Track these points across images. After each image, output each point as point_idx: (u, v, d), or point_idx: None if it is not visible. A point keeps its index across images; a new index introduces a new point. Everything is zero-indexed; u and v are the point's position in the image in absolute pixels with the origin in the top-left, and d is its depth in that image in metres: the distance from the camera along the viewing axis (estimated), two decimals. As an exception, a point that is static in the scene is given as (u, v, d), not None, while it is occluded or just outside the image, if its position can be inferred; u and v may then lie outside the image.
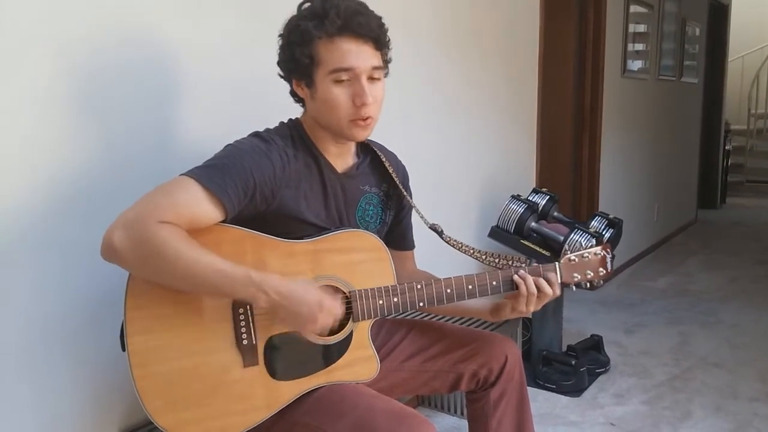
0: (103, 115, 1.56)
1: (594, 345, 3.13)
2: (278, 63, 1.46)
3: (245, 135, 1.44)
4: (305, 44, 1.37)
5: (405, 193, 1.62)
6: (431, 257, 1.87)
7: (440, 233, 1.62)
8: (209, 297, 1.32)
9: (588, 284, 1.56)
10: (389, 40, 1.45)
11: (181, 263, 1.22)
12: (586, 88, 4.16)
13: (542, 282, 1.48)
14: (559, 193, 3.19)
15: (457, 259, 1.77)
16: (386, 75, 1.46)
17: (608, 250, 1.57)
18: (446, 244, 1.63)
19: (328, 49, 1.37)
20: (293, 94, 1.49)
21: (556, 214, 3.04)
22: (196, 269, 1.23)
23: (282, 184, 1.39)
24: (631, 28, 4.55)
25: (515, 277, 1.48)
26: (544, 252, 2.77)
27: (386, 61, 1.46)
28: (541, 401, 2.76)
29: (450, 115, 2.80)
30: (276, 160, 1.38)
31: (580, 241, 2.68)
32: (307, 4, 1.41)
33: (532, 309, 1.50)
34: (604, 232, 2.89)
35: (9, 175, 1.41)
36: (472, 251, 1.62)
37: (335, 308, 1.33)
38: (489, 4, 3.00)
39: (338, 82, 1.38)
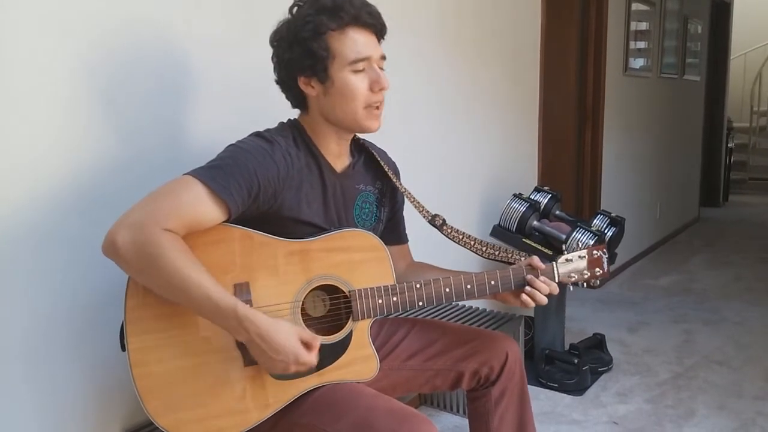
0: (112, 112, 1.57)
1: (597, 343, 3.12)
2: (283, 65, 1.45)
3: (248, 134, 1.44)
4: (319, 37, 1.38)
5: (402, 188, 1.63)
6: (433, 248, 1.86)
7: (441, 227, 1.62)
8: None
9: (585, 284, 1.57)
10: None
11: (177, 278, 1.21)
12: (588, 86, 4.15)
13: (539, 284, 1.50)
14: (561, 191, 3.18)
15: (460, 253, 1.77)
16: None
17: (604, 250, 1.58)
18: (446, 238, 1.63)
19: (341, 41, 1.39)
20: (295, 96, 1.48)
21: (558, 212, 3.03)
22: (189, 288, 1.22)
23: (285, 185, 1.39)
24: (633, 25, 4.54)
25: (528, 276, 1.51)
26: (546, 251, 2.76)
27: None
28: (543, 400, 2.76)
29: (451, 114, 2.80)
30: (280, 161, 1.37)
31: (582, 240, 2.67)
32: (302, 4, 1.41)
33: (531, 306, 1.53)
34: (606, 231, 2.89)
35: (18, 172, 1.41)
36: (472, 243, 1.63)
37: (310, 362, 1.30)
38: (491, 2, 2.99)
39: (356, 72, 1.40)
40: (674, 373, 3.01)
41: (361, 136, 1.59)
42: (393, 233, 1.69)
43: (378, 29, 1.44)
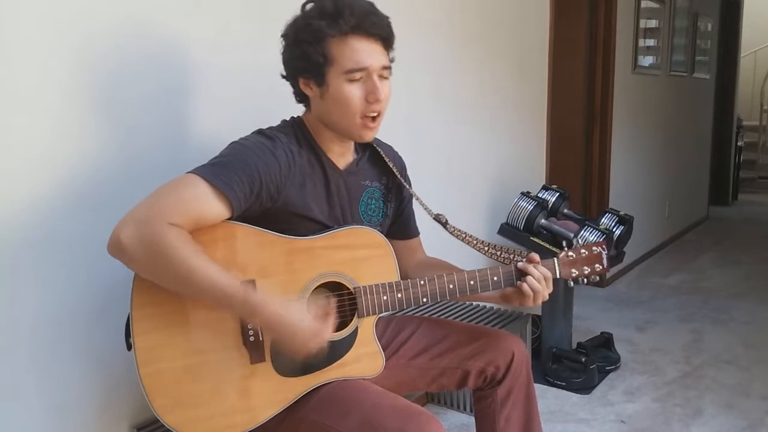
0: (115, 111, 1.57)
1: (604, 342, 3.11)
2: (284, 63, 1.46)
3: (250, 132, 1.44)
4: (318, 42, 1.37)
5: (405, 183, 1.63)
6: (438, 248, 1.86)
7: (444, 224, 1.63)
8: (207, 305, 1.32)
9: (584, 280, 1.59)
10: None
11: (184, 270, 1.22)
12: (596, 84, 4.13)
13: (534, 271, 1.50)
14: (570, 189, 3.17)
15: (464, 251, 1.77)
16: (390, 74, 1.47)
17: (604, 246, 1.60)
18: (450, 235, 1.63)
19: (341, 48, 1.37)
20: (298, 94, 1.49)
21: (566, 211, 3.02)
22: (198, 278, 1.23)
23: (287, 181, 1.39)
24: (642, 23, 4.52)
25: (520, 264, 1.50)
26: (554, 249, 2.75)
27: (391, 61, 1.46)
28: (551, 398, 2.75)
29: (459, 113, 2.79)
30: (281, 158, 1.38)
31: (590, 239, 2.66)
32: (311, 4, 1.41)
33: (539, 301, 1.52)
34: (614, 229, 2.88)
35: (19, 172, 1.41)
36: (475, 242, 1.63)
37: (324, 338, 1.32)
38: (498, 0, 2.98)
39: (352, 81, 1.39)
40: (682, 372, 3.00)
41: None
42: (402, 228, 1.69)
43: (384, 38, 1.41)
